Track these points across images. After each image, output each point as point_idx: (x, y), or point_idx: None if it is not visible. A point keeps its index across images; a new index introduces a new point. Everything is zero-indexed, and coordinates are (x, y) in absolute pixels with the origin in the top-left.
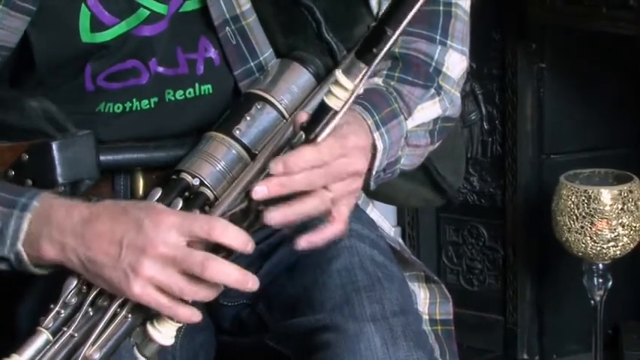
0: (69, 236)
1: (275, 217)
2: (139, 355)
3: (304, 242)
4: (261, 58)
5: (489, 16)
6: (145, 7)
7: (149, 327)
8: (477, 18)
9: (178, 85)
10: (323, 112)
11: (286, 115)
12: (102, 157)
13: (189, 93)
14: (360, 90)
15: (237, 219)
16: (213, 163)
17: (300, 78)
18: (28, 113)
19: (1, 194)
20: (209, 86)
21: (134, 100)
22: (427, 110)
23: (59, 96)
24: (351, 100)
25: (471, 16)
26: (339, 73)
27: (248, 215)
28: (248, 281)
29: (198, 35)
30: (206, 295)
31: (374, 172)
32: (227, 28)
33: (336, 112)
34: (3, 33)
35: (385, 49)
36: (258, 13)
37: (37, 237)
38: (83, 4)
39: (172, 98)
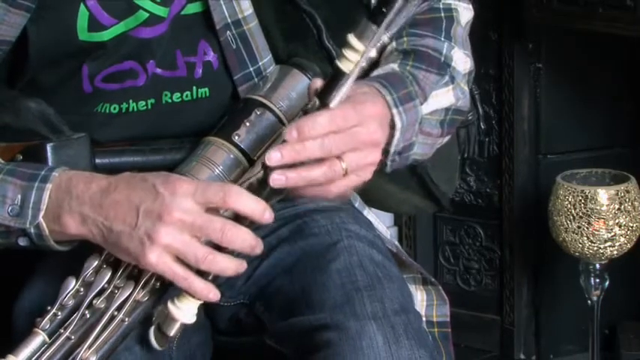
0: (88, 207)
1: (279, 179)
2: (153, 341)
3: (279, 174)
4: (260, 64)
5: (486, 16)
6: (145, 10)
7: (170, 305)
8: (473, 18)
9: (176, 88)
10: (336, 76)
11: (285, 121)
12: (98, 160)
13: (187, 96)
14: (373, 53)
15: (253, 190)
16: (211, 168)
17: (299, 84)
18: (24, 114)
19: (20, 169)
20: (206, 89)
21: (130, 101)
22: (441, 97)
23: (57, 97)
24: (361, 62)
25: None
26: (351, 37)
27: (264, 186)
28: (258, 247)
29: (198, 38)
30: (222, 268)
31: (391, 151)
32: (228, 32)
33: (348, 76)
34: (4, 28)
35: (395, 7)
36: (260, 18)
37: (58, 210)
38: (82, 4)
39: (169, 100)
